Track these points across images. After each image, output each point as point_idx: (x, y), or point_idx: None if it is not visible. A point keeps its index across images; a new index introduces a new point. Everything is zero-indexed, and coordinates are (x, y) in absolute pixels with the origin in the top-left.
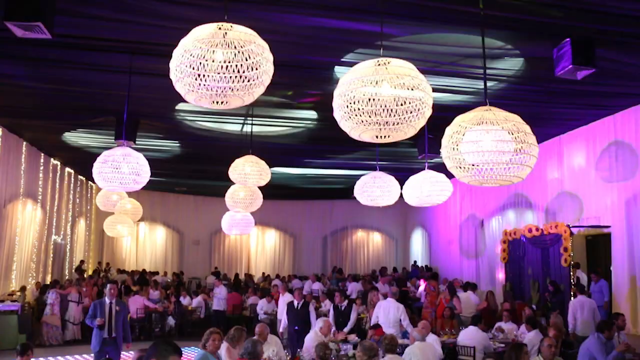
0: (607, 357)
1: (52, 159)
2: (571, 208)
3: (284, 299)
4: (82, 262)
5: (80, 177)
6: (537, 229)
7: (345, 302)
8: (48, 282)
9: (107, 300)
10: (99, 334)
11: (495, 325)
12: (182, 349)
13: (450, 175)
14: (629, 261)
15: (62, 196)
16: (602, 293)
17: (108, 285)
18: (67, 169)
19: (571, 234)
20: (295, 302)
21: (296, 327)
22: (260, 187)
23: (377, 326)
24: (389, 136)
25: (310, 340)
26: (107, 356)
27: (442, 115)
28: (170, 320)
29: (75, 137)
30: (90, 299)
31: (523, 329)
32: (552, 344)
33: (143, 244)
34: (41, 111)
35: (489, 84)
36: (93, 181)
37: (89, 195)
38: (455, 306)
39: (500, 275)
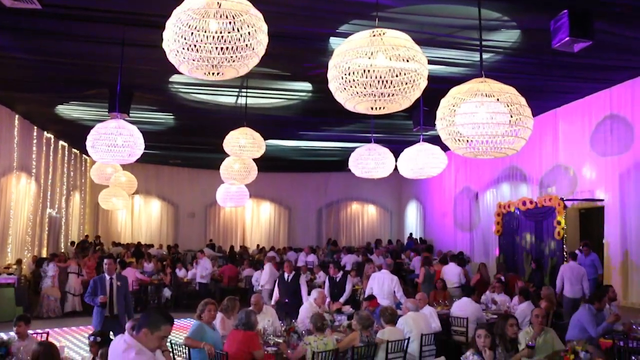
0: (597, 328)
1: (45, 132)
2: (565, 181)
3: (267, 268)
4: (86, 236)
5: (74, 150)
6: (531, 202)
7: (340, 274)
8: (44, 255)
9: (106, 276)
10: (100, 312)
11: (486, 295)
12: (178, 320)
13: (445, 148)
14: (622, 234)
15: (56, 169)
16: (595, 266)
17: (105, 261)
18: (61, 142)
19: (565, 207)
20: (286, 275)
21: (286, 300)
22: (255, 160)
23: (371, 297)
24: (384, 108)
25: (305, 311)
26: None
27: (438, 88)
28: (166, 292)
29: (69, 110)
30: (88, 272)
31: (516, 300)
32: (539, 314)
33: (138, 216)
34: (33, 83)
35: (485, 56)
36: (87, 154)
37: (83, 168)
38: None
39: (494, 248)
